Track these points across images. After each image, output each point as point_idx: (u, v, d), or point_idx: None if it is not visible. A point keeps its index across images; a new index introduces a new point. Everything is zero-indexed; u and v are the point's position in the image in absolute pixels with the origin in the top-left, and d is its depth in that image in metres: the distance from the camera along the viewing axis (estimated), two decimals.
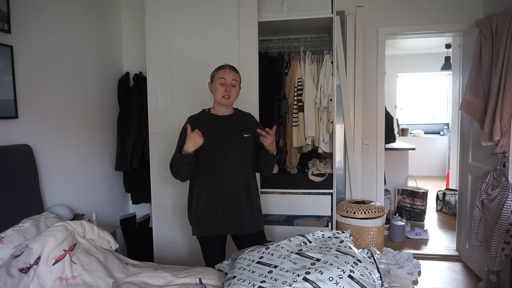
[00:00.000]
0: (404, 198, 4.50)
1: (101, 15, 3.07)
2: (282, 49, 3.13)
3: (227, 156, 2.01)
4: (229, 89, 1.97)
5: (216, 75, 2.01)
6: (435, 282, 2.95)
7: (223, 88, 1.97)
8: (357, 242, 2.78)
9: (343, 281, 1.44)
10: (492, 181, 2.58)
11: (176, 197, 2.84)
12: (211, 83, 2.06)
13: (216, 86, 1.99)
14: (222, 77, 1.98)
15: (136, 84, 3.22)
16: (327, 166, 2.92)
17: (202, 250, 2.14)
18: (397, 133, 6.75)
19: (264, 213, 2.30)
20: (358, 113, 3.30)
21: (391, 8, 3.30)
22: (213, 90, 2.03)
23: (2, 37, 2.08)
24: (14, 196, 2.03)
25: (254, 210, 2.09)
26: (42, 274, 1.62)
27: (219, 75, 1.99)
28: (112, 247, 2.01)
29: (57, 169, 2.51)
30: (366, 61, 3.31)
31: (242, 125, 2.08)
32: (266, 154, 2.01)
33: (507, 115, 2.37)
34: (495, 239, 2.43)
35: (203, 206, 2.02)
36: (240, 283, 1.52)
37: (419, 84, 7.61)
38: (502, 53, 2.41)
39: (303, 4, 2.73)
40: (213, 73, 2.05)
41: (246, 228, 2.04)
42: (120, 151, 3.17)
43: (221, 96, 1.98)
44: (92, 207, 2.78)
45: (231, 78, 1.98)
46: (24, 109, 2.23)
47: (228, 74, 1.99)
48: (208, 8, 2.72)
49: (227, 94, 1.97)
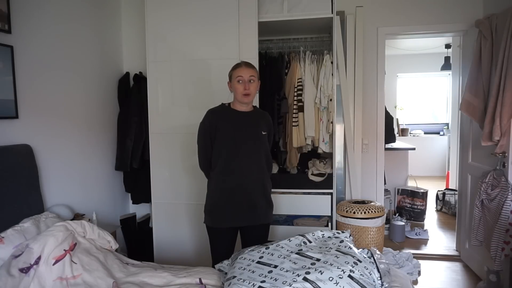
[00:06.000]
0: (404, 198, 4.50)
1: (101, 15, 3.07)
2: (282, 49, 3.13)
3: (247, 151, 2.07)
4: (247, 86, 2.01)
5: (233, 74, 2.06)
6: (435, 282, 2.95)
7: (242, 86, 2.01)
8: (357, 242, 2.79)
9: (343, 281, 1.44)
10: (492, 181, 2.58)
11: (176, 197, 2.84)
12: (230, 83, 2.10)
13: (235, 85, 2.04)
14: (239, 75, 2.02)
15: (136, 84, 3.22)
16: (327, 166, 2.92)
17: (211, 242, 2.17)
18: (397, 133, 6.75)
19: None
20: (358, 113, 3.30)
21: (391, 8, 3.30)
22: (232, 89, 2.08)
23: (2, 37, 2.08)
24: (14, 196, 2.03)
25: (269, 202, 2.18)
26: (42, 274, 1.62)
27: (236, 73, 2.03)
28: (112, 247, 2.01)
29: (57, 169, 2.51)
30: (366, 61, 3.31)
31: (260, 123, 2.13)
32: None
33: (507, 115, 2.37)
34: (495, 239, 2.43)
35: (220, 199, 2.08)
36: (240, 283, 1.52)
37: (419, 84, 7.61)
38: (501, 53, 2.41)
39: (303, 4, 2.73)
40: (230, 72, 2.09)
41: (260, 219, 2.12)
42: (120, 151, 3.17)
43: (241, 95, 2.02)
44: (92, 207, 2.78)
45: (248, 75, 2.02)
46: (24, 109, 2.23)
47: (244, 71, 2.02)
48: (208, 8, 2.73)
49: (247, 92, 2.01)
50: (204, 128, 2.09)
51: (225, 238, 2.12)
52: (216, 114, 2.09)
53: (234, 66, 2.08)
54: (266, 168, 2.17)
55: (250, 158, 2.07)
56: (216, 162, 2.09)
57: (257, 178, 2.10)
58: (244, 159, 2.06)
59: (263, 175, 2.13)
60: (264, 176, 2.14)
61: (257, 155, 2.09)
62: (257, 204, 2.09)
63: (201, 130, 2.11)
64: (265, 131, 2.12)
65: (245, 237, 2.18)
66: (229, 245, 2.13)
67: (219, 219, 2.09)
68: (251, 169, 2.07)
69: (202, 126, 2.11)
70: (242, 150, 2.06)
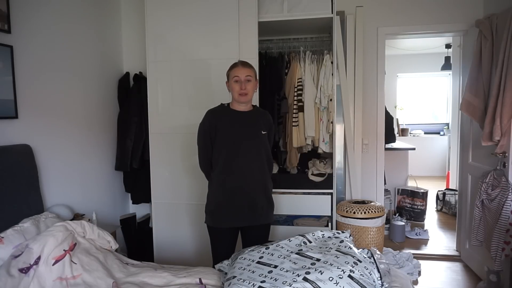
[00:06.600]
0: (404, 198, 4.50)
1: (101, 15, 3.07)
2: (282, 49, 3.12)
3: (247, 151, 2.07)
4: (244, 86, 2.01)
5: (230, 74, 2.06)
6: (435, 282, 2.95)
7: (239, 86, 2.02)
8: (357, 242, 2.78)
9: (343, 281, 1.44)
10: (492, 181, 2.58)
11: (176, 197, 2.84)
12: (227, 82, 2.10)
13: (231, 84, 2.05)
14: (235, 75, 2.03)
15: (136, 84, 3.22)
16: (327, 166, 2.92)
17: (212, 242, 2.17)
18: (397, 133, 6.75)
19: None
20: (358, 113, 3.30)
21: (391, 8, 3.30)
22: (230, 88, 2.08)
23: (2, 37, 2.08)
24: (14, 196, 2.03)
25: (270, 202, 2.18)
26: (42, 274, 1.62)
27: (233, 73, 2.04)
28: (112, 247, 2.01)
29: (57, 169, 2.51)
30: (366, 61, 3.31)
31: (260, 122, 2.13)
32: None
33: (507, 115, 2.37)
34: (495, 239, 2.43)
35: (221, 199, 2.08)
36: (240, 283, 1.52)
37: (419, 84, 7.61)
38: (502, 53, 2.41)
39: (303, 4, 2.73)
40: (228, 72, 2.09)
41: (261, 219, 2.12)
42: (120, 151, 3.17)
43: (238, 94, 2.03)
44: (92, 207, 2.78)
45: (244, 75, 2.02)
46: (24, 109, 2.23)
47: (241, 71, 2.03)
48: (208, 8, 2.73)
49: (243, 92, 2.01)
50: (204, 128, 2.09)
51: (226, 238, 2.12)
52: (215, 114, 2.10)
53: (231, 66, 2.09)
54: (267, 168, 2.17)
55: (251, 158, 2.07)
56: (217, 163, 2.09)
57: (258, 178, 2.10)
58: (244, 159, 2.06)
59: (264, 175, 2.13)
60: (265, 175, 2.14)
61: (257, 154, 2.09)
62: (258, 204, 2.09)
63: (200, 131, 2.11)
64: (264, 130, 2.12)
65: (245, 237, 2.18)
66: (230, 245, 2.13)
67: (220, 219, 2.09)
68: (251, 169, 2.07)
69: (202, 127, 2.11)
70: (242, 150, 2.06)
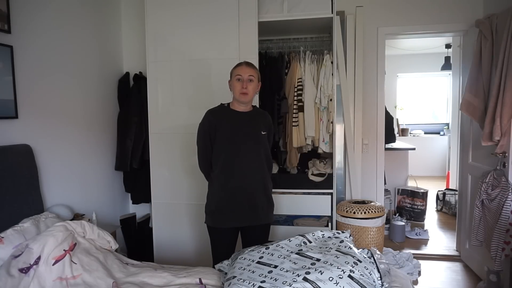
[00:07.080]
0: (404, 198, 4.50)
1: (101, 15, 3.07)
2: (282, 49, 3.12)
3: (246, 151, 2.07)
4: (245, 85, 2.02)
5: (233, 73, 2.08)
6: (435, 282, 2.95)
7: (240, 85, 2.02)
8: (357, 242, 2.78)
9: (343, 281, 1.44)
10: (492, 181, 2.58)
11: (176, 197, 2.84)
12: (230, 81, 2.11)
13: (233, 83, 2.06)
14: (238, 74, 2.04)
15: (136, 84, 3.22)
16: (327, 166, 2.92)
17: (212, 242, 2.17)
18: (397, 133, 6.75)
19: None
20: (358, 113, 3.30)
21: (391, 8, 3.30)
22: (231, 87, 2.09)
23: (2, 37, 2.08)
24: (14, 196, 2.03)
25: (270, 202, 2.19)
26: (42, 274, 1.62)
27: (236, 72, 2.06)
28: (112, 247, 2.01)
29: (57, 169, 2.51)
30: (366, 61, 3.31)
31: (260, 123, 2.14)
32: None
33: (507, 115, 2.37)
34: (495, 239, 2.43)
35: (221, 199, 2.08)
36: (240, 283, 1.52)
37: (419, 84, 7.61)
38: (502, 53, 2.41)
39: (303, 4, 2.73)
40: (232, 70, 2.11)
41: (261, 219, 2.13)
42: (120, 151, 3.17)
43: (239, 93, 2.04)
44: (92, 207, 2.78)
45: (247, 74, 2.03)
46: (24, 109, 2.23)
47: (244, 70, 2.04)
48: (208, 8, 2.73)
49: (244, 91, 2.02)
50: (204, 129, 2.09)
51: (226, 238, 2.12)
52: (215, 115, 2.10)
53: (236, 65, 2.10)
54: (267, 168, 2.17)
55: (250, 158, 2.07)
56: (216, 163, 2.09)
57: (258, 178, 2.10)
58: (244, 159, 2.06)
59: (264, 175, 2.13)
60: (265, 175, 2.14)
61: (257, 155, 2.09)
62: (258, 204, 2.10)
63: (200, 131, 2.11)
64: (264, 131, 2.12)
65: (245, 237, 2.18)
66: (230, 245, 2.13)
67: (220, 219, 2.09)
68: (251, 169, 2.07)
69: (202, 127, 2.11)
70: (241, 150, 2.06)
